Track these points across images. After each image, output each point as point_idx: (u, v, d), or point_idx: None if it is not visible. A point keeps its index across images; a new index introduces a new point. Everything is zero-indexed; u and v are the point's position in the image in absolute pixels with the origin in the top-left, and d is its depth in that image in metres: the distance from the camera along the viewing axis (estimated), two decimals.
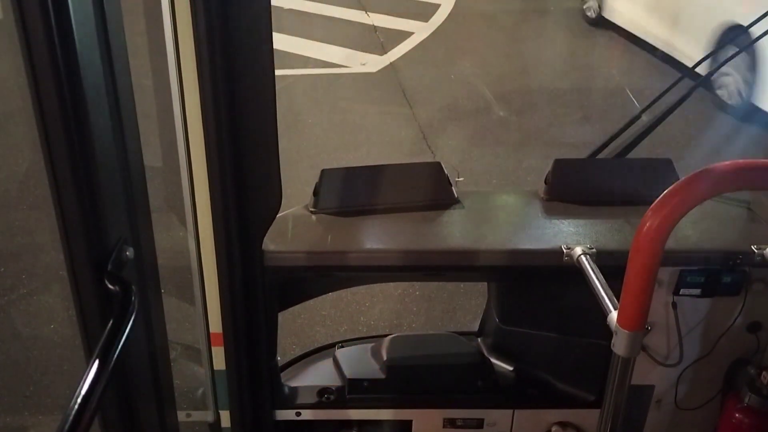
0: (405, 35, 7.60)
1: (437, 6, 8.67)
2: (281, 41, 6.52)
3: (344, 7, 8.46)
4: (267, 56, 1.44)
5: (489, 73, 6.77)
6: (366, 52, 7.06)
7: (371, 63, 6.80)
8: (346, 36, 7.50)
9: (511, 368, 2.02)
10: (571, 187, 1.93)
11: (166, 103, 1.44)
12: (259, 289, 1.69)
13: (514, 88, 6.36)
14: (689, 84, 2.10)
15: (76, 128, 1.03)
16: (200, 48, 1.35)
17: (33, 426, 2.74)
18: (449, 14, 8.43)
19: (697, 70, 2.14)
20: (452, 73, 6.76)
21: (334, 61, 6.67)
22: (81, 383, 0.97)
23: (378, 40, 7.46)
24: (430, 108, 5.82)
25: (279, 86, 1.47)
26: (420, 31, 7.80)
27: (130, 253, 1.19)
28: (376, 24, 8.00)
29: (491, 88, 6.32)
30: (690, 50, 5.94)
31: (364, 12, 8.40)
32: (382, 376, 1.94)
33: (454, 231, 1.82)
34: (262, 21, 1.40)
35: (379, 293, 3.45)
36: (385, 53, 7.09)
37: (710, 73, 2.08)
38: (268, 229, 1.64)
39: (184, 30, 1.34)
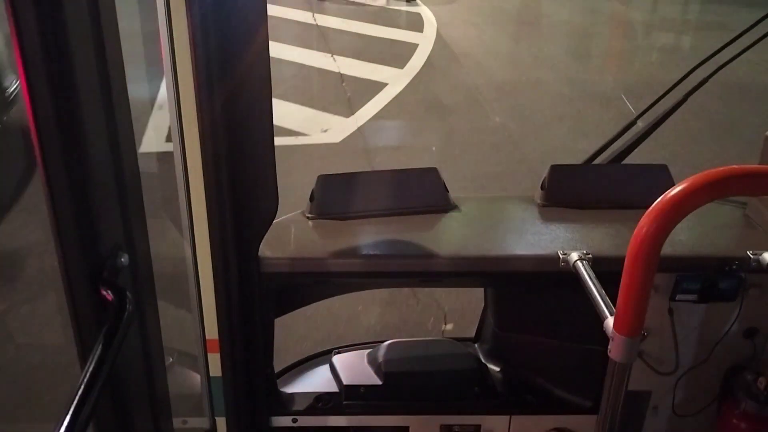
0: (377, 87, 6.21)
1: (415, 46, 7.32)
2: None
3: (308, 48, 7.22)
4: (263, 62, 1.44)
5: (481, 141, 5.25)
6: (329, 112, 5.68)
7: (335, 128, 5.39)
8: (307, 89, 6.32)
9: (507, 374, 2.02)
10: (567, 193, 1.93)
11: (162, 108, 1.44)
12: (256, 296, 1.69)
13: (510, 168, 4.85)
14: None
15: (70, 134, 1.03)
16: (197, 54, 1.35)
17: None
18: (428, 57, 7.06)
19: (691, 76, 2.15)
20: (433, 143, 5.26)
21: (289, 127, 5.30)
22: (75, 390, 0.97)
23: (345, 95, 6.07)
24: None
25: None
26: (394, 80, 6.40)
27: (124, 260, 1.19)
28: (343, 71, 6.58)
29: (483, 166, 4.88)
30: None
31: (330, 56, 6.95)
32: (379, 382, 1.94)
33: (451, 237, 1.82)
34: (259, 26, 1.40)
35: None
36: (353, 114, 5.63)
37: (705, 79, 2.08)
38: (264, 235, 1.64)
39: (181, 35, 1.34)
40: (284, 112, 5.59)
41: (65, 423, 0.93)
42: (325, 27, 7.96)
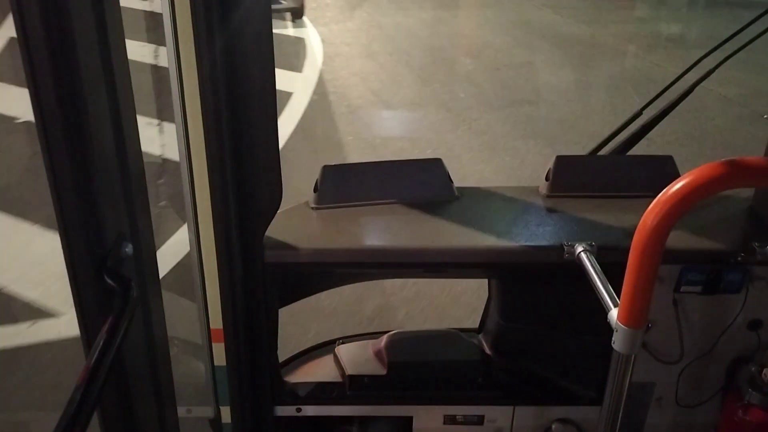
0: None
1: (287, 98, 5.14)
2: None
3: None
4: (267, 51, 1.44)
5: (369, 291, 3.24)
6: None
7: None
8: None
9: (511, 365, 2.02)
10: (571, 184, 1.92)
11: (165, 98, 1.43)
12: (260, 286, 1.69)
13: None
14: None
15: (74, 123, 1.02)
16: (200, 43, 1.35)
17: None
18: (302, 118, 4.94)
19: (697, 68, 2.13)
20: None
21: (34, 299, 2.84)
22: (80, 379, 0.97)
23: (157, 200, 3.18)
24: None
25: None
26: None
27: (129, 249, 1.19)
28: (167, 154, 3.75)
29: None
30: None
31: (156, 123, 4.29)
32: (383, 372, 1.94)
33: (455, 227, 1.81)
34: (263, 17, 1.40)
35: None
36: (166, 241, 2.97)
37: (710, 71, 2.07)
38: (268, 225, 1.64)
39: (184, 25, 1.34)
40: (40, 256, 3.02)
41: (71, 411, 0.93)
42: (166, 68, 5.50)
